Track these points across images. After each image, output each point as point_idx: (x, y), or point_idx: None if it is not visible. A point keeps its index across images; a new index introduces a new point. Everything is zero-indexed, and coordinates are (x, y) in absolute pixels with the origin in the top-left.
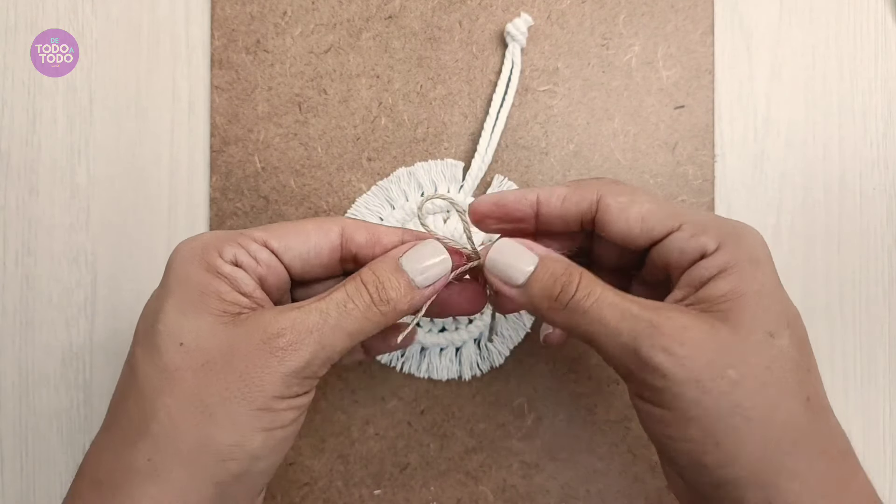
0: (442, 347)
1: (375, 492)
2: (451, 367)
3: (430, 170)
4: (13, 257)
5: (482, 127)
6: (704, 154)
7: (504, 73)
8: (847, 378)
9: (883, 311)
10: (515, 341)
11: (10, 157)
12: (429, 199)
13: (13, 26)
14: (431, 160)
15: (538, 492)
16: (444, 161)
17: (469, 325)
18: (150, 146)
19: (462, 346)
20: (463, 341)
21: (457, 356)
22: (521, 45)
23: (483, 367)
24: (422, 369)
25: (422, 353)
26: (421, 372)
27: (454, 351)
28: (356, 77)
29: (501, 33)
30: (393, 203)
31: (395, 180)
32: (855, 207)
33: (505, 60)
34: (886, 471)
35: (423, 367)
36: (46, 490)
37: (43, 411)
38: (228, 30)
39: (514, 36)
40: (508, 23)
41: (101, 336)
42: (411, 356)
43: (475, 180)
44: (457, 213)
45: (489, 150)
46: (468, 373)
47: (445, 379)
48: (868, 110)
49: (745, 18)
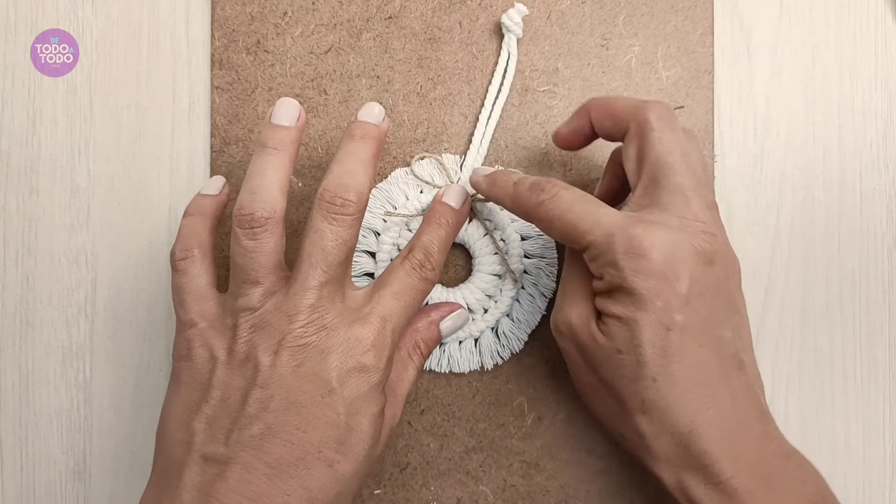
0: (461, 340)
1: (375, 491)
2: (471, 359)
3: (427, 166)
4: (13, 257)
5: None
6: (704, 154)
7: (500, 64)
8: (847, 378)
9: (883, 311)
10: (532, 325)
11: (10, 157)
12: (422, 156)
13: (13, 26)
14: (428, 156)
15: (538, 492)
16: (440, 156)
17: (486, 315)
18: (150, 146)
19: (480, 336)
20: (481, 331)
21: (476, 346)
22: (516, 35)
23: (504, 354)
24: (442, 364)
25: (441, 348)
26: (442, 367)
27: (473, 342)
28: (356, 77)
29: (502, 33)
30: (394, 203)
31: (394, 181)
32: (855, 207)
33: (501, 51)
34: (886, 471)
35: (444, 363)
36: (46, 490)
37: (43, 411)
38: (229, 30)
39: (508, 27)
40: (503, 14)
41: (101, 336)
42: None
43: (471, 171)
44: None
45: (484, 140)
46: (489, 362)
47: (468, 371)
48: (868, 110)
49: (744, 18)
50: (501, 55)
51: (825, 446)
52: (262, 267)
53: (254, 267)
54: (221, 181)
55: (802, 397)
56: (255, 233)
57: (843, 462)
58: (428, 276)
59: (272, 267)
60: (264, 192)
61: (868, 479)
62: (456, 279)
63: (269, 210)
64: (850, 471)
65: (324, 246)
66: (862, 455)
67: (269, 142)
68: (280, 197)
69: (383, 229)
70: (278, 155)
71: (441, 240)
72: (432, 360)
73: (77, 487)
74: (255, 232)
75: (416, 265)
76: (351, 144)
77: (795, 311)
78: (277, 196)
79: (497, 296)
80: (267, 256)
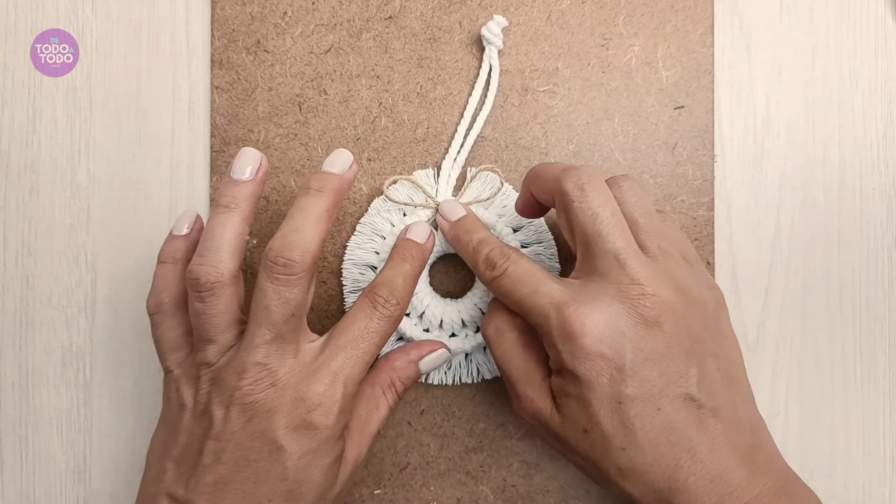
0: (484, 346)
1: (375, 491)
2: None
3: (403, 189)
4: (13, 257)
5: None
6: (704, 154)
7: (482, 76)
8: (847, 378)
9: (883, 311)
10: None
11: (10, 157)
12: (394, 180)
13: (13, 26)
14: (401, 180)
15: (538, 492)
16: (412, 175)
17: None
18: (150, 146)
19: None
20: None
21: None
22: (497, 46)
23: None
24: (472, 374)
25: (468, 359)
26: (473, 378)
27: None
28: (356, 77)
29: None
30: (382, 234)
31: (375, 212)
32: (855, 207)
33: (483, 64)
34: (886, 471)
35: (475, 372)
36: (46, 490)
37: (43, 411)
38: (229, 30)
39: (489, 38)
40: (483, 27)
41: (101, 336)
42: (458, 365)
43: (447, 184)
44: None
45: (461, 154)
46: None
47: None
48: (868, 110)
49: (744, 18)
50: (483, 67)
51: (825, 446)
52: (213, 327)
53: (206, 327)
54: (191, 218)
55: (802, 397)
56: (202, 297)
57: (843, 462)
58: (391, 314)
59: (225, 325)
60: (212, 255)
61: (868, 479)
62: (460, 287)
63: (215, 274)
64: (850, 471)
65: (266, 305)
66: (862, 455)
67: (221, 199)
68: (229, 258)
69: (379, 262)
70: (230, 215)
71: (406, 274)
72: (461, 373)
73: (77, 487)
74: (203, 296)
75: (379, 303)
76: (304, 199)
77: (795, 311)
78: (225, 258)
79: None
80: (218, 318)
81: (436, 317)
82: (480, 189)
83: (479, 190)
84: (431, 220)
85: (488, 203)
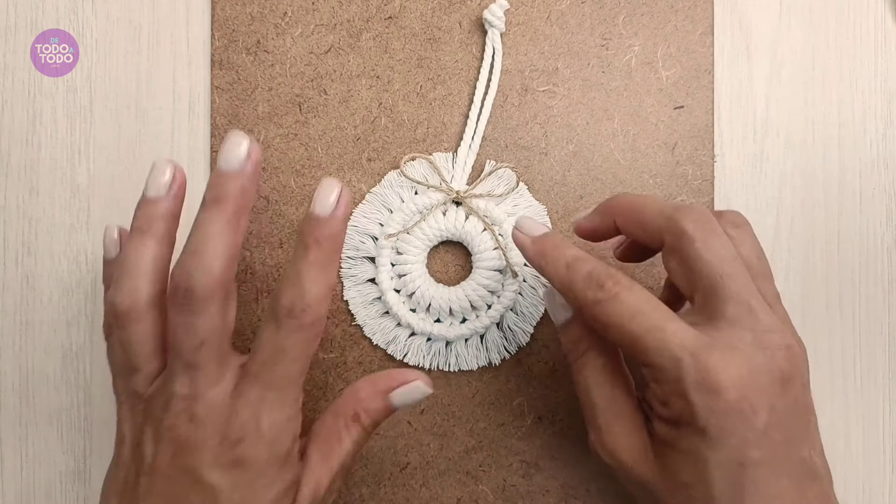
0: (467, 338)
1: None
2: (479, 355)
3: (419, 167)
4: (13, 257)
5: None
6: (704, 154)
7: (486, 59)
8: (847, 378)
9: (883, 311)
10: (537, 317)
11: (10, 157)
12: (412, 156)
13: (13, 26)
14: (418, 157)
15: (538, 491)
16: (432, 156)
17: (489, 311)
18: (150, 146)
19: (486, 333)
20: (486, 327)
21: (482, 343)
22: (499, 29)
23: (510, 348)
24: (450, 363)
25: (448, 348)
26: (450, 367)
27: (479, 339)
28: (356, 77)
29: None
30: (390, 207)
31: (388, 185)
32: (855, 207)
33: (486, 47)
34: (886, 471)
35: (452, 361)
36: (46, 490)
37: (43, 411)
38: (229, 30)
39: (491, 21)
40: (485, 10)
41: (101, 336)
42: (437, 352)
43: (463, 169)
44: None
45: (476, 137)
46: (497, 358)
47: (476, 368)
48: (868, 110)
49: (744, 18)
50: (486, 51)
51: (825, 446)
52: (135, 355)
53: (128, 355)
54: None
55: None
56: (120, 324)
57: (843, 462)
58: (299, 324)
59: (149, 352)
60: (125, 282)
61: (868, 479)
62: (456, 277)
63: (128, 302)
64: (850, 471)
65: (174, 335)
66: (862, 455)
67: (134, 222)
68: (144, 283)
69: (380, 234)
70: (143, 238)
71: (311, 264)
72: (439, 360)
73: (77, 487)
74: (121, 324)
75: (282, 314)
76: (200, 214)
77: (795, 311)
78: (140, 284)
79: (499, 291)
80: (139, 345)
81: (424, 299)
82: (495, 184)
83: (494, 185)
84: (442, 204)
85: (500, 199)
